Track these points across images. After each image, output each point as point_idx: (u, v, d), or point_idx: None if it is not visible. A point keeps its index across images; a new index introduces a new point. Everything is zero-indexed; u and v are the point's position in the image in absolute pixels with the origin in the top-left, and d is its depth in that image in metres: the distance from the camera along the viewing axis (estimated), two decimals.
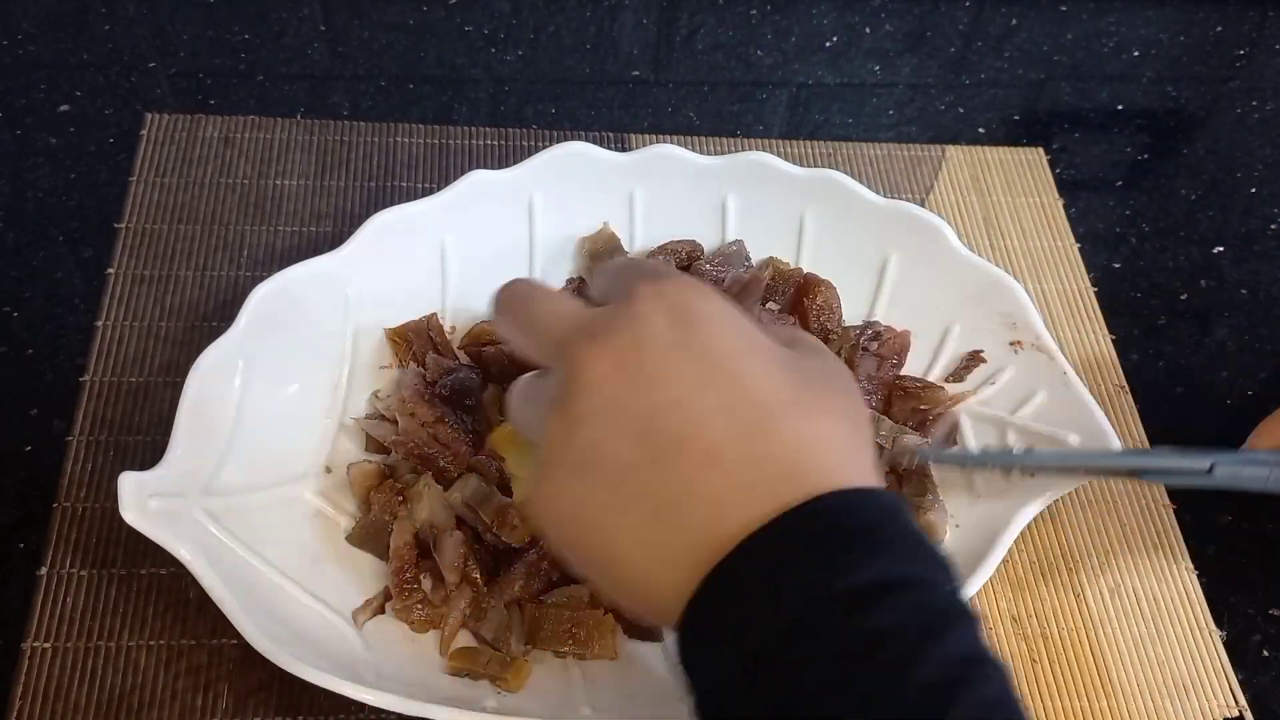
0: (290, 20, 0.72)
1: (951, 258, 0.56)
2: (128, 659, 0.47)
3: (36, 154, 0.64)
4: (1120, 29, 0.80)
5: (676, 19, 0.76)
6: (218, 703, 0.46)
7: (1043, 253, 0.66)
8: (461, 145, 0.67)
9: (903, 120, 0.73)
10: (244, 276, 0.59)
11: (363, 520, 0.50)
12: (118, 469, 0.43)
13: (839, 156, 0.69)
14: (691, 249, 0.58)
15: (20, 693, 0.46)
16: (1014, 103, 0.75)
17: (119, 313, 0.57)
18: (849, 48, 0.76)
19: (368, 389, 0.54)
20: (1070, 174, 0.71)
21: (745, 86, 0.73)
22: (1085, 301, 0.64)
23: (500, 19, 0.74)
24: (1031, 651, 0.51)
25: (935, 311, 0.57)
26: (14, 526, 0.50)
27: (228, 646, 0.47)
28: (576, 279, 0.58)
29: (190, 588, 0.47)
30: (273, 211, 0.62)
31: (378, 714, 0.46)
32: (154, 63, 0.69)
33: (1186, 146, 0.74)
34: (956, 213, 0.67)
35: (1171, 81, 0.78)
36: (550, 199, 0.57)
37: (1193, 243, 0.69)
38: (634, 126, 0.69)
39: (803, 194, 0.58)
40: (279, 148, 0.65)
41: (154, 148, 0.64)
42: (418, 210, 0.54)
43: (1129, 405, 0.60)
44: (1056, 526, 0.55)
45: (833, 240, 0.59)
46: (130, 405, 0.54)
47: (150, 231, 0.61)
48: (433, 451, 0.50)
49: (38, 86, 0.67)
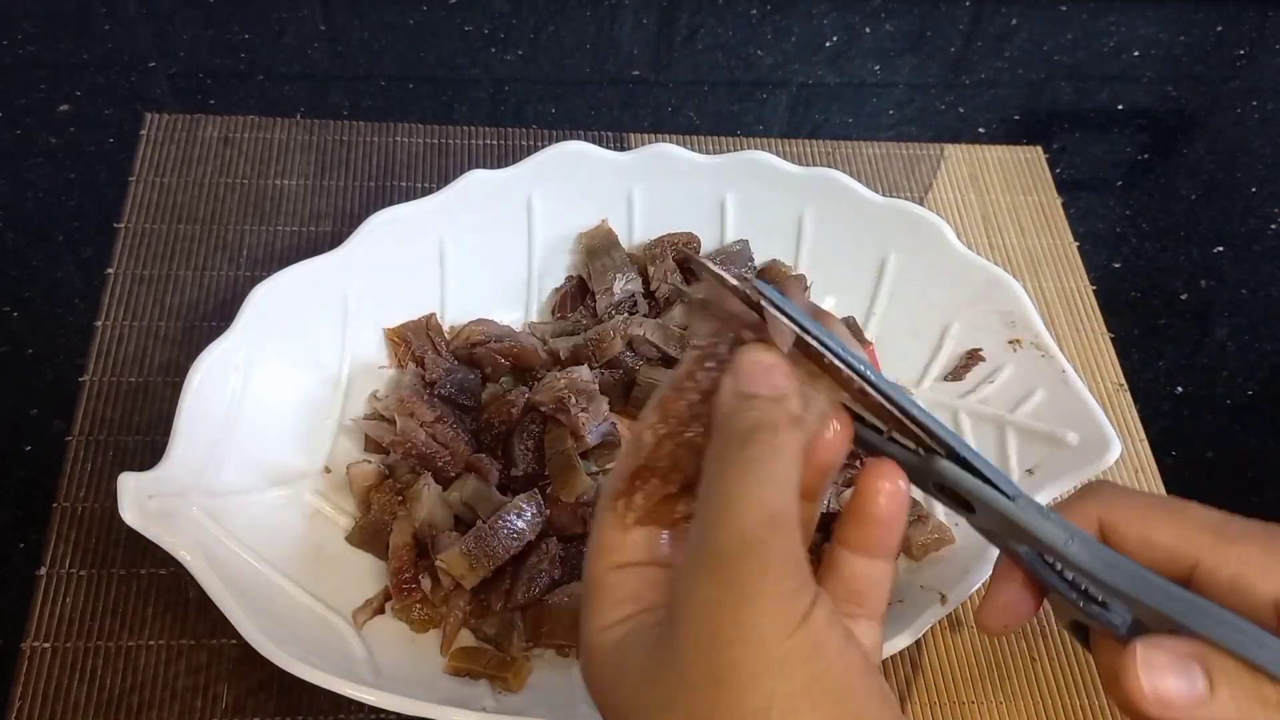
0: (290, 20, 0.72)
1: (950, 256, 0.56)
2: (128, 659, 0.47)
3: (36, 154, 0.64)
4: (1120, 29, 0.80)
5: (676, 19, 0.76)
6: (218, 703, 0.46)
7: (1042, 252, 0.66)
8: (461, 145, 0.67)
9: (902, 120, 0.73)
10: (243, 276, 0.59)
11: (362, 520, 0.50)
12: (117, 469, 0.44)
13: (838, 156, 0.69)
14: (688, 241, 0.58)
15: (20, 693, 0.46)
16: (1014, 102, 0.75)
17: (118, 313, 0.57)
18: (849, 48, 0.76)
19: (367, 389, 0.54)
20: (1070, 173, 0.71)
21: (745, 86, 0.73)
22: (1084, 301, 0.64)
23: (500, 19, 0.74)
24: (1031, 651, 0.51)
25: (934, 310, 0.57)
26: (14, 526, 0.51)
27: (228, 646, 0.47)
28: (575, 277, 0.59)
29: (190, 588, 0.47)
30: (272, 211, 0.62)
31: (378, 714, 0.46)
32: (154, 63, 0.69)
33: (1186, 146, 0.74)
34: (955, 211, 0.67)
35: (1171, 81, 0.78)
36: (549, 199, 0.57)
37: (1193, 243, 0.69)
38: (634, 126, 0.69)
39: (802, 193, 0.58)
40: (279, 148, 0.65)
41: (154, 148, 0.64)
42: (417, 210, 0.54)
43: (1128, 404, 0.60)
44: None
45: (831, 239, 0.59)
46: (129, 405, 0.54)
47: (150, 231, 0.61)
48: (431, 452, 0.50)
49: (38, 86, 0.67)
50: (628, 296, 0.57)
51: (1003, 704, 0.50)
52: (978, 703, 0.50)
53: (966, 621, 0.52)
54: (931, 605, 0.46)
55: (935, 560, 0.50)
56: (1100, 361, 0.62)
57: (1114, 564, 0.32)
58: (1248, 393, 0.62)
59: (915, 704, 0.49)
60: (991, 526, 0.34)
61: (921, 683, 0.50)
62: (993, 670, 0.50)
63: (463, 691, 0.45)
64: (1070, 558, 0.32)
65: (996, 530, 0.34)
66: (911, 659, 0.50)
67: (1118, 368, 0.61)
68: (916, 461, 0.33)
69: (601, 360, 0.54)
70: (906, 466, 0.33)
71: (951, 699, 0.50)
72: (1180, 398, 0.61)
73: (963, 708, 0.49)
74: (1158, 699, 0.29)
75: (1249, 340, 0.65)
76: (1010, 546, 0.34)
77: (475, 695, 0.45)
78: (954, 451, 0.33)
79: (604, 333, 0.54)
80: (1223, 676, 0.29)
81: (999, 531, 0.34)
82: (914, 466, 0.33)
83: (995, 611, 0.36)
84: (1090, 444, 0.50)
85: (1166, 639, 0.30)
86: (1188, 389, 0.62)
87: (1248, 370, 0.63)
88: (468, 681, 0.46)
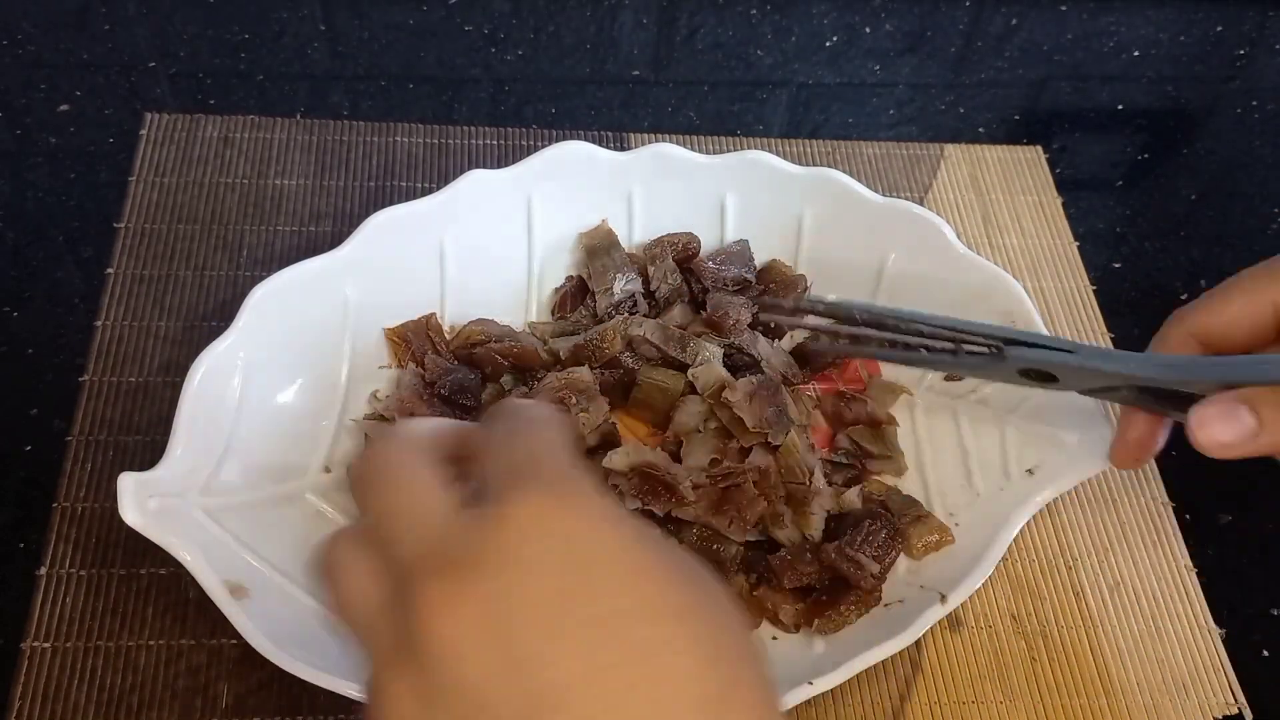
0: (290, 20, 0.72)
1: (950, 256, 0.56)
2: (127, 659, 0.47)
3: (36, 154, 0.64)
4: (1120, 29, 0.80)
5: (676, 19, 0.76)
6: (218, 703, 0.46)
7: (1042, 252, 0.66)
8: (461, 145, 0.67)
9: (902, 120, 0.73)
10: (243, 276, 0.59)
11: None
12: (117, 469, 0.44)
13: (838, 155, 0.69)
14: (688, 241, 0.59)
15: (20, 693, 0.46)
16: (1014, 102, 0.75)
17: (118, 312, 0.57)
18: (849, 48, 0.76)
19: (367, 389, 0.54)
20: (1070, 173, 0.71)
21: (745, 86, 0.73)
22: (1085, 301, 0.64)
23: (500, 19, 0.74)
24: (1031, 650, 0.51)
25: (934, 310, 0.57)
26: (14, 526, 0.51)
27: (227, 646, 0.47)
28: (575, 277, 0.59)
29: (190, 588, 0.47)
30: (272, 211, 0.62)
31: None
32: (154, 63, 0.69)
33: (1186, 146, 0.74)
34: (955, 211, 0.67)
35: (1171, 81, 0.78)
36: (549, 198, 0.57)
37: (1193, 243, 0.69)
38: (634, 126, 0.69)
39: (801, 193, 0.58)
40: (278, 148, 0.65)
41: (154, 148, 0.64)
42: (417, 210, 0.54)
43: None
44: (1056, 525, 0.55)
45: (831, 239, 0.59)
46: (129, 405, 0.54)
47: (150, 231, 0.61)
48: None
49: (38, 86, 0.67)
50: (628, 296, 0.57)
51: (1003, 704, 0.50)
52: (978, 703, 0.50)
53: (966, 621, 0.52)
54: (931, 605, 0.46)
55: (935, 560, 0.50)
56: None
57: (1170, 364, 0.40)
58: None
59: (915, 704, 0.49)
60: (1077, 386, 0.42)
61: (921, 683, 0.50)
62: (993, 670, 0.51)
63: None
64: (1137, 378, 0.40)
65: (1081, 386, 0.41)
66: (911, 659, 0.50)
67: None
68: (991, 360, 0.42)
69: (601, 360, 0.54)
70: (983, 367, 0.43)
71: (951, 699, 0.50)
72: None
73: (963, 708, 0.49)
74: (1216, 444, 0.37)
75: None
76: (1109, 397, 0.43)
77: None
78: (1015, 339, 0.42)
79: (604, 333, 0.54)
80: (1267, 409, 0.36)
81: (1083, 386, 0.41)
82: (990, 365, 0.43)
83: (1127, 446, 0.45)
84: (1090, 444, 0.50)
85: (1214, 396, 0.37)
86: None
87: None
88: None
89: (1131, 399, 0.43)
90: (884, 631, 0.46)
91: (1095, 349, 0.41)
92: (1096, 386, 0.42)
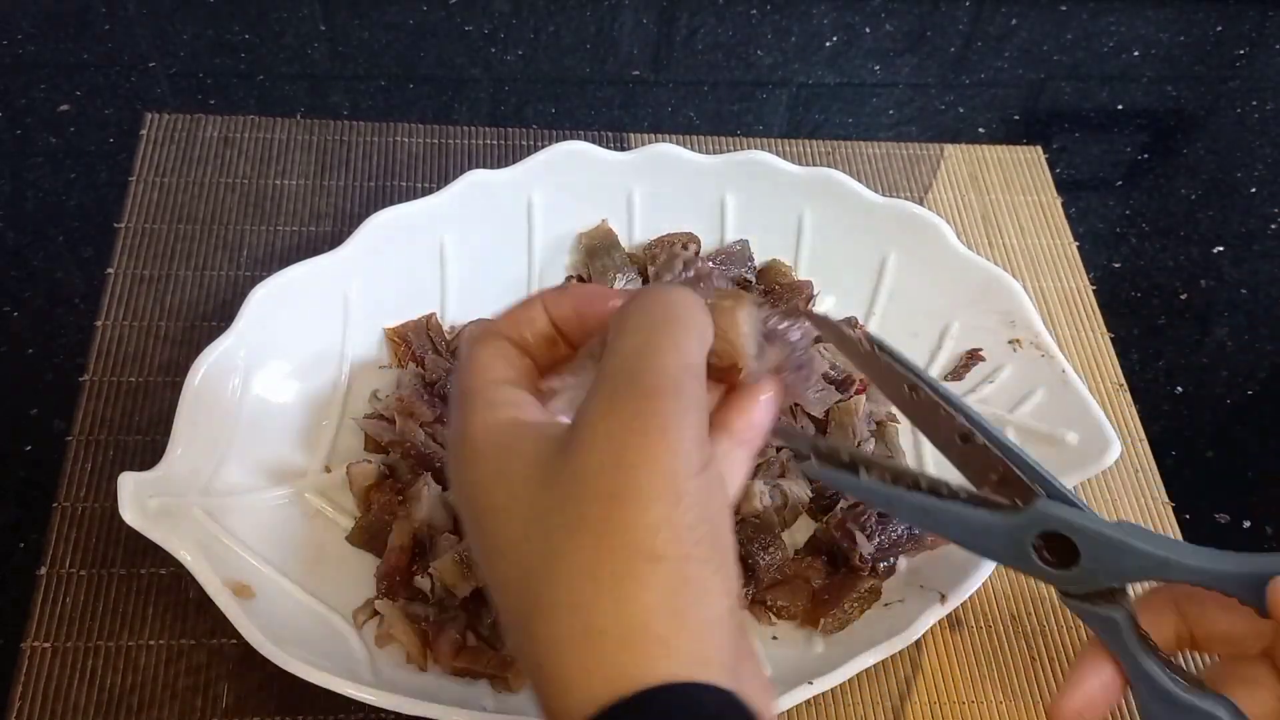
0: (290, 20, 0.72)
1: (950, 256, 0.56)
2: (128, 659, 0.47)
3: (36, 154, 0.64)
4: (1120, 29, 0.80)
5: (676, 19, 0.76)
6: (218, 703, 0.46)
7: (1041, 251, 0.66)
8: (461, 145, 0.67)
9: (902, 120, 0.73)
10: (243, 276, 0.59)
11: (363, 520, 0.50)
12: (117, 469, 0.44)
13: (838, 156, 0.69)
14: (689, 241, 0.58)
15: (20, 692, 0.46)
16: (1013, 102, 0.75)
17: (118, 312, 0.57)
18: (849, 48, 0.76)
19: (367, 389, 0.54)
20: (1069, 173, 0.71)
21: (745, 86, 0.73)
22: (1084, 300, 0.64)
23: (500, 19, 0.74)
24: (1031, 651, 0.51)
25: (934, 310, 0.57)
26: (14, 526, 0.50)
27: (228, 646, 0.47)
28: (575, 277, 0.59)
29: (190, 588, 0.47)
30: (272, 211, 0.62)
31: (378, 714, 0.46)
32: (154, 63, 0.69)
33: (1186, 146, 0.74)
34: (955, 211, 0.67)
35: (1171, 81, 0.78)
36: (549, 198, 0.57)
37: (1193, 243, 0.69)
38: (634, 126, 0.69)
39: (801, 193, 0.58)
40: (279, 148, 0.65)
41: (154, 148, 0.64)
42: (417, 210, 0.54)
43: (1128, 404, 0.60)
44: None
45: (831, 239, 0.59)
46: (130, 405, 0.54)
47: (150, 231, 0.61)
48: (431, 452, 0.50)
49: (38, 86, 0.67)
50: None
51: (1003, 704, 0.50)
52: (978, 703, 0.50)
53: (966, 621, 0.52)
54: (931, 605, 0.46)
55: (935, 560, 0.50)
56: (1100, 361, 0.62)
57: (1218, 558, 0.37)
58: (1247, 393, 0.62)
59: (915, 704, 0.49)
60: (1095, 567, 0.38)
61: (921, 683, 0.50)
62: (993, 670, 0.50)
63: (463, 691, 0.45)
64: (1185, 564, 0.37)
65: (1100, 569, 0.38)
66: (911, 659, 0.50)
67: (1117, 368, 0.61)
68: (1010, 520, 0.38)
69: None
70: (997, 531, 0.38)
71: (951, 699, 0.50)
72: (1180, 398, 0.61)
73: (963, 708, 0.49)
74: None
75: (1249, 340, 0.65)
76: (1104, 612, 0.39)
77: (475, 695, 0.45)
78: (1052, 489, 0.38)
79: None
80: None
81: (1101, 570, 0.38)
82: (1007, 528, 0.38)
83: (1074, 700, 0.40)
84: (1090, 444, 0.50)
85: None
86: (1187, 389, 0.62)
87: (1247, 370, 0.63)
88: (468, 681, 0.46)
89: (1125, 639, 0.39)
90: (884, 631, 0.46)
91: (1137, 529, 0.38)
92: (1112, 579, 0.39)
